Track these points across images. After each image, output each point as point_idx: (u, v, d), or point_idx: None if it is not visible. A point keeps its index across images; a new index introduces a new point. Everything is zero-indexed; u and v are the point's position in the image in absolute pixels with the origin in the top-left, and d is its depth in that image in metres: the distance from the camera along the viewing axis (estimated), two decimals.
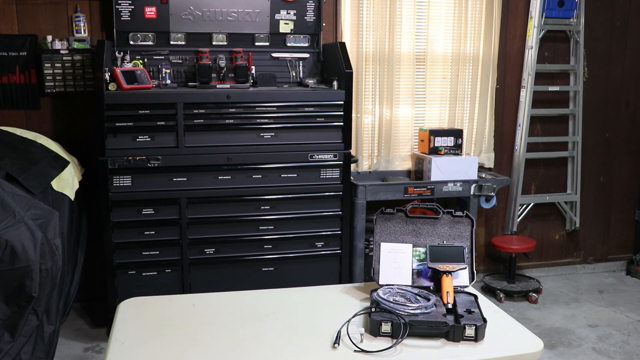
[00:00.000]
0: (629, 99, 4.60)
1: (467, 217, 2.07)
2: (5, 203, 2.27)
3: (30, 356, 2.31)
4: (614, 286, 4.44)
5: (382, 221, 2.08)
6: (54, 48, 3.51)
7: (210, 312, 1.90)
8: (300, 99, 3.38)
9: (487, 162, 4.34)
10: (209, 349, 1.64)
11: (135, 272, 3.31)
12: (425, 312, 1.74)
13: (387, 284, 1.93)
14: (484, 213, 4.39)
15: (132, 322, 1.81)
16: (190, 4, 3.53)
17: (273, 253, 3.45)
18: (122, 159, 3.18)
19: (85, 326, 3.60)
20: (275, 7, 3.65)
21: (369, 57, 4.01)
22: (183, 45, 3.57)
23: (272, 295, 2.07)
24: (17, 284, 2.17)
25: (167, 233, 3.31)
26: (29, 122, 3.61)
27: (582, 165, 4.49)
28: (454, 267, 1.92)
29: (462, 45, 4.17)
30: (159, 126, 3.21)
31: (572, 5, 4.21)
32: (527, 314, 3.87)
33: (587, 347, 3.42)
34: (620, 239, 4.81)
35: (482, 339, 1.68)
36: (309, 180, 3.44)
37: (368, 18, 3.96)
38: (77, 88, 3.60)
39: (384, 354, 1.59)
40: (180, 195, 3.28)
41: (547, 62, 4.35)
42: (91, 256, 3.47)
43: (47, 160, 3.03)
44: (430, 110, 4.26)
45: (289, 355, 1.62)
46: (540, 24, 4.20)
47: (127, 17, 3.45)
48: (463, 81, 4.22)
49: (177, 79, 3.57)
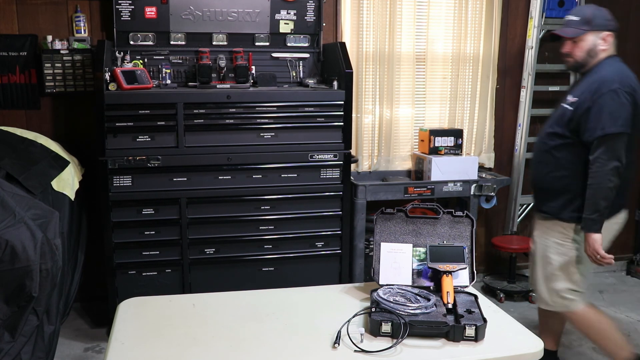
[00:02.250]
0: None
1: (467, 217, 2.07)
2: (5, 203, 2.27)
3: (30, 356, 2.31)
4: (614, 286, 4.44)
5: (382, 221, 2.08)
6: (54, 48, 3.51)
7: (210, 312, 1.90)
8: (300, 99, 3.38)
9: (487, 162, 4.34)
10: (209, 349, 1.64)
11: (135, 272, 3.31)
12: (426, 312, 1.74)
13: (387, 284, 1.93)
14: (484, 213, 4.39)
15: (132, 322, 1.81)
16: (190, 4, 3.53)
17: (273, 253, 3.45)
18: (122, 159, 3.18)
19: (85, 326, 3.60)
20: (275, 7, 3.65)
21: (369, 57, 4.01)
22: (183, 45, 3.57)
23: (272, 295, 2.07)
24: (17, 284, 2.17)
25: (167, 233, 3.31)
26: (29, 122, 3.60)
27: None
28: (454, 267, 1.92)
29: (462, 45, 4.17)
30: (159, 126, 3.21)
31: (572, 5, 4.20)
32: (528, 314, 3.86)
33: (587, 347, 3.42)
34: (620, 239, 4.73)
35: (482, 339, 1.68)
36: (309, 180, 3.44)
37: (368, 18, 3.96)
38: (77, 88, 3.60)
39: (384, 354, 1.59)
40: (180, 195, 3.28)
41: (547, 62, 4.35)
42: (91, 256, 3.46)
43: (47, 160, 3.03)
44: (430, 110, 4.26)
45: (289, 355, 1.62)
46: (540, 24, 4.19)
47: (127, 17, 3.45)
48: (463, 81, 4.22)
49: (177, 79, 3.57)
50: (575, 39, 2.63)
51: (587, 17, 2.62)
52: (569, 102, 2.63)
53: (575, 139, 2.59)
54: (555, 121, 2.68)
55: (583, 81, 2.67)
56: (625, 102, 2.47)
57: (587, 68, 2.66)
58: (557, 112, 2.70)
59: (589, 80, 2.60)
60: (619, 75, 2.55)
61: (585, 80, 2.65)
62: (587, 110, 2.51)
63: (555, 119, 2.70)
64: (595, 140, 2.49)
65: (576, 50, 2.64)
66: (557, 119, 2.67)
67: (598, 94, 2.49)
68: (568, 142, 2.62)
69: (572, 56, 2.66)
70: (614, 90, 2.47)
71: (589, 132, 2.51)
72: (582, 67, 2.68)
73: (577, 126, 2.56)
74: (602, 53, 2.64)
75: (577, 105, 2.56)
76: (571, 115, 2.58)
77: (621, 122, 2.46)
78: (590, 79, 2.60)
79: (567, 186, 2.64)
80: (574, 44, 2.64)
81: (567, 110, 2.61)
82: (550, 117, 2.78)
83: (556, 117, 2.69)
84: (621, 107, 2.46)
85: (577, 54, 2.64)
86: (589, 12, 2.65)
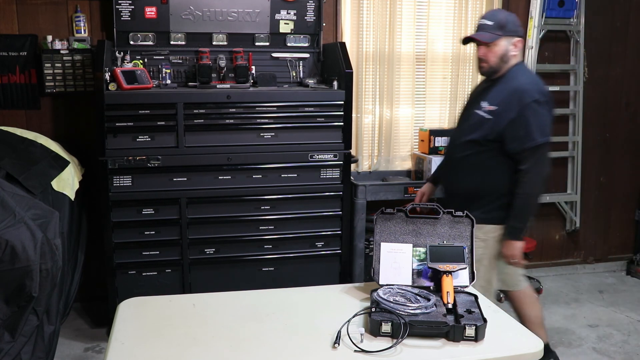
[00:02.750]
0: (629, 99, 4.60)
1: (467, 217, 2.07)
2: (5, 203, 2.27)
3: (30, 356, 2.31)
4: (614, 286, 4.44)
5: (382, 221, 2.08)
6: (54, 48, 3.51)
7: (210, 312, 1.89)
8: (301, 99, 3.38)
9: None
10: (209, 349, 1.64)
11: (135, 272, 3.31)
12: (426, 312, 1.74)
13: (387, 284, 1.93)
14: None
15: (132, 322, 1.81)
16: (190, 4, 3.52)
17: (273, 253, 3.45)
18: (122, 159, 3.18)
19: (85, 326, 3.60)
20: (275, 7, 3.65)
21: (369, 57, 4.02)
22: (183, 45, 3.57)
23: (272, 295, 2.07)
24: (17, 284, 2.17)
25: (167, 233, 3.31)
26: (29, 122, 3.60)
27: (582, 165, 4.49)
28: (454, 267, 1.92)
29: (462, 45, 4.16)
30: (159, 126, 3.21)
31: (572, 5, 4.21)
32: None
33: (587, 347, 3.42)
34: (621, 239, 4.80)
35: (482, 339, 1.68)
36: (309, 180, 3.43)
37: (368, 18, 3.96)
38: (77, 88, 3.60)
39: (384, 354, 1.59)
40: (180, 195, 3.28)
41: (547, 62, 4.35)
42: (91, 256, 3.46)
43: (47, 160, 3.03)
44: (430, 110, 4.27)
45: (289, 355, 1.62)
46: (540, 24, 4.19)
47: (127, 17, 3.45)
48: (463, 81, 4.22)
49: (177, 79, 3.57)
50: (490, 44, 2.59)
51: (501, 22, 2.60)
52: (485, 109, 2.60)
53: (493, 146, 2.59)
54: (471, 129, 2.65)
55: (496, 88, 2.63)
56: (547, 112, 2.54)
57: (500, 74, 2.64)
58: (472, 119, 2.65)
59: (506, 89, 2.58)
60: (535, 84, 2.58)
61: (499, 87, 2.62)
62: (513, 122, 2.52)
63: (470, 126, 2.66)
64: (527, 151, 2.52)
65: (490, 56, 2.60)
66: (474, 127, 2.63)
67: (521, 104, 2.51)
68: (485, 149, 2.62)
69: (487, 61, 2.62)
70: (537, 101, 2.51)
71: (518, 143, 2.52)
72: (495, 72, 2.64)
73: (499, 136, 2.56)
74: (513, 59, 2.63)
75: (498, 115, 2.55)
76: (492, 125, 2.57)
77: (547, 131, 2.53)
78: (506, 87, 2.59)
79: (483, 191, 2.64)
80: (487, 49, 2.61)
81: (484, 118, 2.59)
82: (462, 124, 2.75)
83: (472, 124, 2.65)
84: (545, 117, 2.53)
85: (492, 59, 2.61)
86: (503, 17, 2.62)
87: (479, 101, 2.66)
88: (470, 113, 2.71)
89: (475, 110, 2.65)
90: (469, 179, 2.69)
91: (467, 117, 2.73)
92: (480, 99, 2.67)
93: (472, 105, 2.72)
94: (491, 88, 2.67)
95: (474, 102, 2.72)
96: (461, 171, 2.72)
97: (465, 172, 2.70)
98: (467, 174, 2.69)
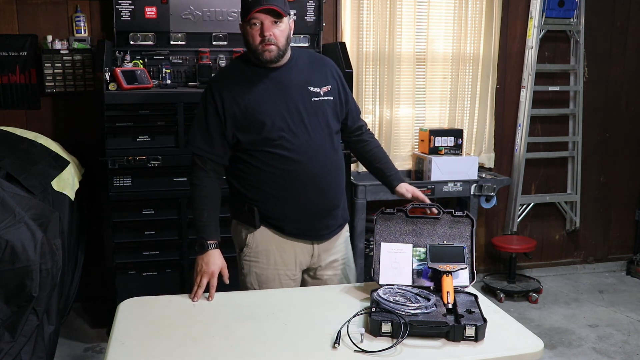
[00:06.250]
0: (629, 99, 4.60)
1: (467, 217, 2.07)
2: (5, 203, 2.26)
3: (30, 356, 2.31)
4: (614, 286, 4.44)
5: (382, 221, 2.08)
6: (54, 48, 3.51)
7: (210, 312, 1.90)
8: None
9: (487, 162, 4.34)
10: (209, 349, 1.64)
11: (135, 272, 3.31)
12: (426, 312, 1.74)
13: (387, 284, 1.93)
14: (484, 213, 4.39)
15: (132, 322, 1.81)
16: (190, 4, 3.52)
17: None
18: (122, 159, 3.17)
19: (85, 326, 3.60)
20: None
21: (369, 57, 4.01)
22: (183, 45, 3.57)
23: (272, 295, 2.07)
24: (17, 284, 2.17)
25: (167, 233, 3.31)
26: (29, 122, 3.60)
27: (582, 165, 4.49)
28: (454, 267, 1.92)
29: (462, 45, 4.17)
30: (159, 126, 3.21)
31: (572, 5, 4.21)
32: (527, 314, 3.87)
33: (588, 347, 3.42)
34: (620, 239, 4.80)
35: (482, 339, 1.68)
36: None
37: (368, 18, 3.96)
38: (77, 88, 3.60)
39: (384, 354, 1.59)
40: (180, 195, 3.27)
41: (547, 62, 4.35)
42: (91, 256, 3.46)
43: (47, 160, 3.03)
44: (430, 110, 4.26)
45: (289, 355, 1.62)
46: (540, 24, 4.19)
47: (127, 17, 3.45)
48: (463, 81, 4.22)
49: (177, 79, 3.57)
50: (280, 22, 2.07)
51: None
52: (322, 93, 2.17)
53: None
54: (326, 119, 2.18)
55: (302, 69, 2.18)
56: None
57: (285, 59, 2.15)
58: (321, 110, 2.17)
59: (313, 66, 2.21)
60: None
61: (303, 67, 2.19)
62: (345, 95, 2.25)
63: (324, 117, 2.18)
64: (362, 120, 2.37)
65: (281, 37, 2.07)
66: (330, 115, 2.19)
67: (339, 75, 2.25)
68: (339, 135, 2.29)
69: (277, 44, 2.07)
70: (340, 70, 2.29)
71: (357, 114, 2.34)
72: (282, 57, 2.12)
73: (344, 116, 2.29)
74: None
75: (336, 94, 2.21)
76: (339, 107, 2.22)
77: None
78: (312, 64, 2.22)
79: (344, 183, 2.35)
80: (280, 31, 2.07)
81: (329, 102, 2.19)
82: (308, 118, 2.14)
83: (327, 113, 2.19)
84: None
85: (282, 40, 2.08)
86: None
87: (307, 88, 2.22)
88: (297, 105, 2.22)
89: (313, 99, 2.21)
90: (342, 177, 2.37)
91: (308, 110, 2.22)
92: (306, 86, 2.22)
93: (302, 95, 2.23)
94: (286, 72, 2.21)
95: (299, 91, 2.22)
96: (335, 173, 2.33)
97: (338, 170, 2.32)
98: (340, 172, 2.34)
